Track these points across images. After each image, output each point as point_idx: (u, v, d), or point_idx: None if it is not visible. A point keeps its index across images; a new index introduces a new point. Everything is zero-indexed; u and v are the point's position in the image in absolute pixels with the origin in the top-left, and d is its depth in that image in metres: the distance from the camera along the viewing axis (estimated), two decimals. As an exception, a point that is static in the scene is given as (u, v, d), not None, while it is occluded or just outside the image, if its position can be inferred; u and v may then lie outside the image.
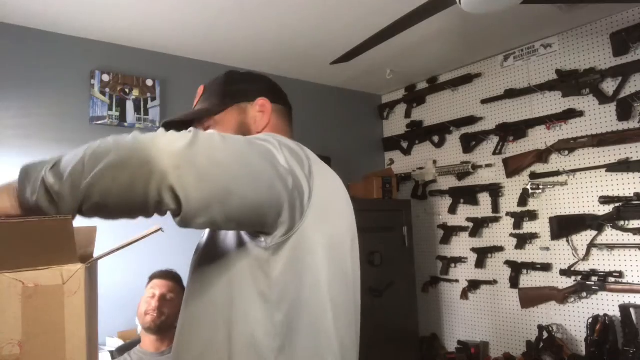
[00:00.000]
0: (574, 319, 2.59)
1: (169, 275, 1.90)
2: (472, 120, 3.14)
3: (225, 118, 1.00)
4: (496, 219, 2.99)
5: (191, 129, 0.71)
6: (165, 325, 1.79)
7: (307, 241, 0.80)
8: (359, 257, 0.97)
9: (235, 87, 1.02)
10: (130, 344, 1.98)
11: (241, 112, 1.00)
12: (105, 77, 2.56)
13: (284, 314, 0.77)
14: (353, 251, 0.93)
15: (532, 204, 2.81)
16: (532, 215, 2.79)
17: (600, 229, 2.47)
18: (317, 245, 0.81)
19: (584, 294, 2.51)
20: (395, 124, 3.74)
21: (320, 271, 0.82)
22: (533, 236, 2.78)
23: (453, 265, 3.23)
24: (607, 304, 2.44)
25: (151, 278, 1.92)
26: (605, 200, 2.43)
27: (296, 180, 0.78)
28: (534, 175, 2.77)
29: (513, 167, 2.87)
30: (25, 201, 0.64)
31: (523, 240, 2.82)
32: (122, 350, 1.96)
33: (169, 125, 0.96)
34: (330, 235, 0.85)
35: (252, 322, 0.77)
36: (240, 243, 0.80)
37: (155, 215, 0.69)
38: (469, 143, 3.16)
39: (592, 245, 2.50)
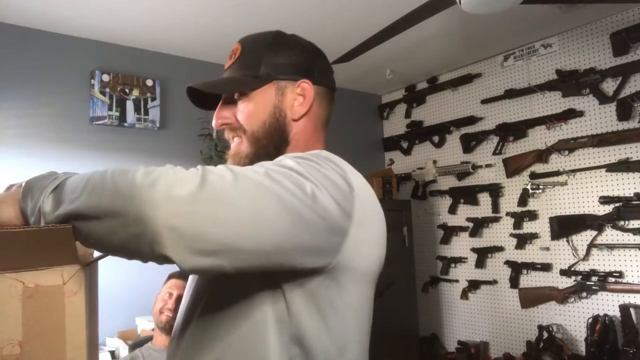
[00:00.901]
0: (574, 319, 2.59)
1: (185, 277, 1.89)
2: (472, 120, 3.14)
3: (260, 97, 0.84)
4: (496, 219, 2.99)
5: (199, 167, 0.62)
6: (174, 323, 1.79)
7: (338, 281, 0.70)
8: None
9: (279, 59, 0.85)
10: (142, 341, 1.99)
11: (279, 93, 0.84)
12: (105, 77, 2.56)
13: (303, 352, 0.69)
14: (376, 278, 0.82)
15: (532, 204, 2.81)
16: (532, 215, 2.79)
17: (600, 229, 2.47)
18: (348, 284, 0.72)
19: (584, 294, 2.51)
20: (395, 124, 3.74)
21: (349, 311, 0.74)
22: (533, 236, 2.78)
23: (453, 265, 3.23)
24: (607, 304, 2.44)
25: (170, 277, 1.91)
26: (605, 200, 2.43)
27: (332, 220, 0.66)
28: (534, 175, 2.77)
29: (513, 167, 2.87)
30: (25, 217, 0.62)
31: (523, 240, 2.82)
32: (135, 346, 1.96)
33: (192, 93, 0.86)
34: (363, 271, 0.75)
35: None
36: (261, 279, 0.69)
37: None
38: (469, 143, 3.16)
39: (592, 245, 2.50)
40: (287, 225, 0.61)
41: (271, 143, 0.83)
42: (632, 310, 2.25)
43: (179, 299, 1.82)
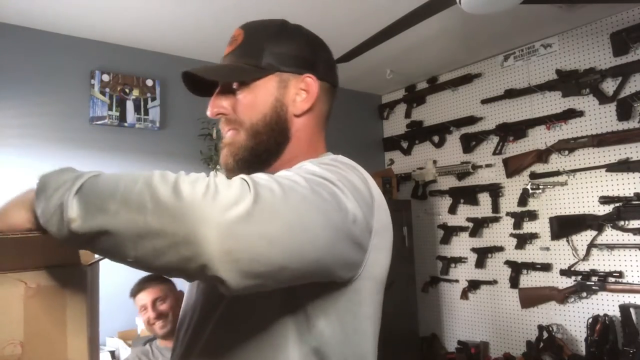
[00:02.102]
0: (574, 319, 2.59)
1: (144, 285, 1.85)
2: (472, 120, 3.14)
3: (261, 88, 0.79)
4: (496, 219, 2.99)
5: (246, 178, 0.56)
6: (175, 325, 1.78)
7: (359, 292, 0.70)
8: None
9: (283, 49, 0.80)
10: (144, 340, 1.99)
11: (281, 86, 0.79)
12: (105, 77, 2.56)
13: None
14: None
15: (532, 204, 2.81)
16: (532, 215, 2.79)
17: (600, 229, 2.47)
18: (367, 294, 0.72)
19: (584, 294, 2.51)
20: (395, 124, 3.74)
21: (368, 321, 0.74)
22: (533, 236, 2.78)
23: (453, 265, 3.23)
24: (607, 304, 2.44)
25: (132, 296, 1.88)
26: (605, 200, 2.43)
27: (359, 232, 0.66)
28: (534, 175, 2.77)
29: (513, 167, 2.87)
30: (36, 217, 0.57)
31: (523, 240, 2.82)
32: (138, 345, 1.96)
33: (188, 78, 0.81)
34: (379, 279, 0.75)
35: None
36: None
37: None
38: (469, 143, 3.16)
39: (592, 245, 2.50)
40: (330, 240, 0.59)
41: (272, 137, 0.79)
42: (632, 310, 2.25)
43: (153, 304, 1.80)
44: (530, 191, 2.77)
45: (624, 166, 2.38)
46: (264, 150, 0.79)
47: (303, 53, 0.81)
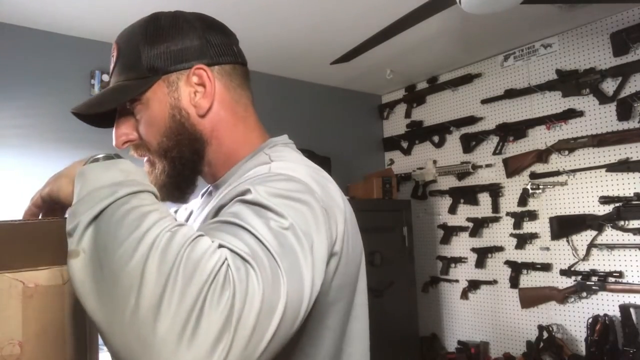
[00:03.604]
0: (574, 319, 2.59)
1: None
2: (472, 120, 3.14)
3: (153, 100, 0.70)
4: (496, 219, 2.99)
5: (236, 287, 0.45)
6: None
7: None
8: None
9: (161, 47, 0.70)
10: None
11: (172, 89, 0.70)
12: (105, 77, 2.56)
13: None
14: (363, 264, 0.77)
15: (532, 204, 2.81)
16: (532, 215, 2.79)
17: (600, 229, 2.47)
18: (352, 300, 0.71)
19: (584, 294, 2.51)
20: (395, 124, 3.74)
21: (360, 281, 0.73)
22: (533, 236, 2.78)
23: (453, 265, 3.23)
24: (607, 304, 2.44)
25: None
26: (605, 200, 2.43)
27: (336, 252, 0.62)
28: (534, 175, 2.77)
29: (513, 167, 2.87)
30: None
31: (523, 240, 2.82)
32: None
33: (83, 118, 0.75)
34: (360, 279, 0.73)
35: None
36: None
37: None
38: (469, 143, 3.16)
39: (592, 245, 2.49)
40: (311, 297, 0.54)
41: (185, 150, 0.71)
42: (632, 310, 2.25)
43: None
44: (530, 191, 2.77)
45: (624, 166, 2.38)
46: (182, 165, 0.72)
47: (184, 43, 0.71)
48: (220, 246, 0.48)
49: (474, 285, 3.08)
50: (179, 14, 0.74)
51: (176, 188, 0.73)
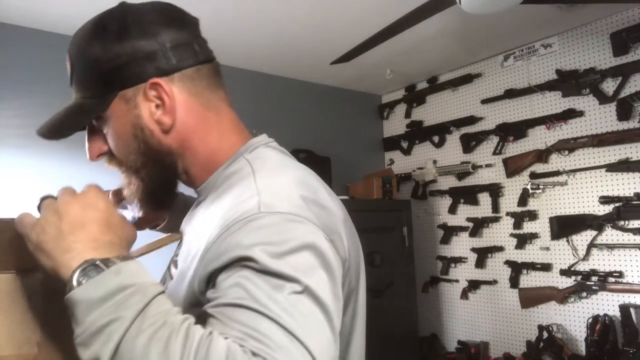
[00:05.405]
0: (574, 319, 2.59)
1: None
2: (472, 120, 3.14)
3: (114, 119, 0.65)
4: (496, 219, 2.99)
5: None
6: None
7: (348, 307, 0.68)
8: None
9: (111, 60, 0.62)
10: None
11: (131, 107, 0.63)
12: (105, 77, 2.55)
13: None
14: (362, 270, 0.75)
15: (532, 204, 2.81)
16: (532, 215, 2.79)
17: (600, 229, 2.47)
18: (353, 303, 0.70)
19: (584, 294, 2.51)
20: (395, 124, 3.74)
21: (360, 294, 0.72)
22: (533, 236, 2.78)
23: (453, 265, 3.23)
24: (607, 304, 2.44)
25: None
26: (605, 200, 2.43)
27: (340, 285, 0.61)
28: (534, 175, 2.77)
29: (513, 167, 2.87)
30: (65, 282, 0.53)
31: (523, 240, 2.82)
32: None
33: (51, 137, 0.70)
34: (359, 285, 0.72)
35: None
36: None
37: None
38: (469, 143, 3.16)
39: (592, 245, 2.50)
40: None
41: (155, 168, 0.67)
42: (632, 310, 2.25)
43: None
44: (530, 191, 2.77)
45: (623, 166, 2.38)
46: (154, 183, 0.69)
47: (136, 54, 0.62)
48: (241, 346, 0.48)
49: (474, 285, 3.08)
50: (127, 12, 0.64)
51: (153, 202, 0.71)
